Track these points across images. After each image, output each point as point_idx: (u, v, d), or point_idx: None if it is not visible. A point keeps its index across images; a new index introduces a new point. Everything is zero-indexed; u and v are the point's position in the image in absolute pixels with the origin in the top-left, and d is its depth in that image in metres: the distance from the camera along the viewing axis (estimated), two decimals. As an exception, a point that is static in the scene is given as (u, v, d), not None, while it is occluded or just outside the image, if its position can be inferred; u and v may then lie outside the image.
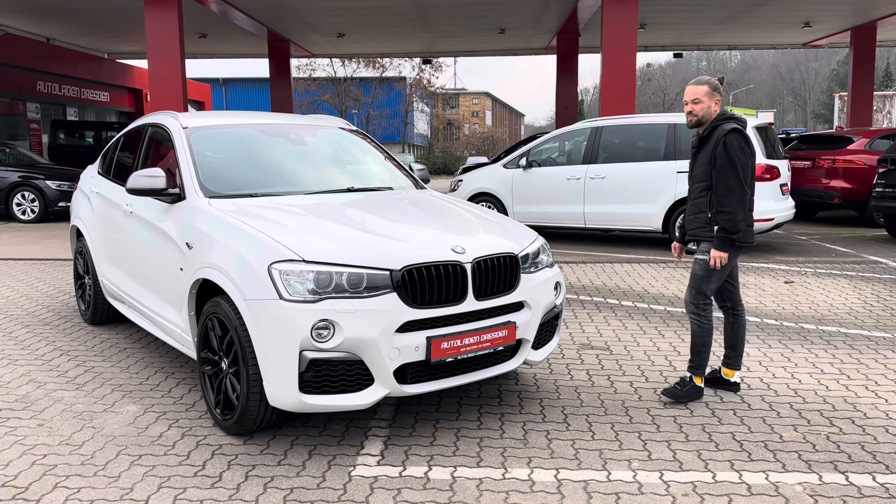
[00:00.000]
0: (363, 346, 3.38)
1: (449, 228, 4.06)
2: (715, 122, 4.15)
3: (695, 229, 4.23)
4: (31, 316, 6.31)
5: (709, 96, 4.13)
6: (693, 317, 4.21)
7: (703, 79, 4.20)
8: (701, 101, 4.13)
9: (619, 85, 14.30)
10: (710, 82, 4.17)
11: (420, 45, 25.43)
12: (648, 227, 9.89)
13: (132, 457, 3.52)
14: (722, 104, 4.20)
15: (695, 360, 4.22)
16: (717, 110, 4.17)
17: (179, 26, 14.64)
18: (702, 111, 4.14)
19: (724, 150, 4.01)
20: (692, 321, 4.22)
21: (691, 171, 4.33)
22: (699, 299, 4.19)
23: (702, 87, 4.14)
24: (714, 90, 4.15)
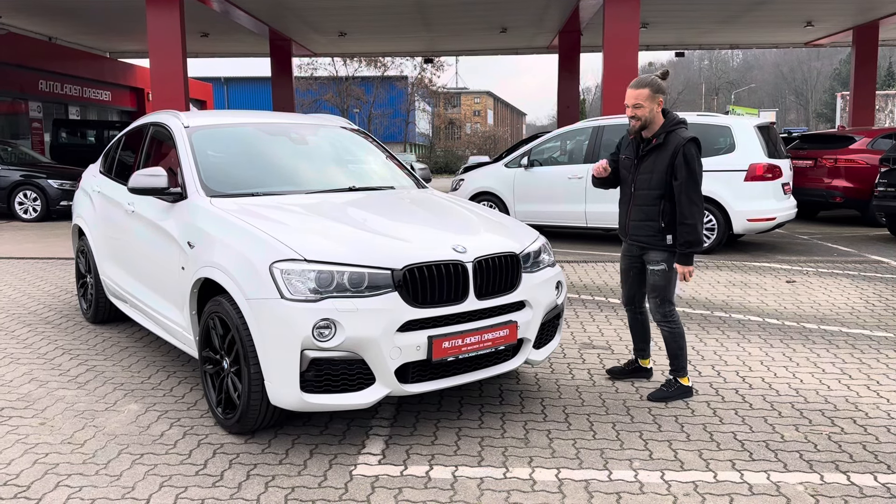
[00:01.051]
0: (364, 345, 3.38)
1: (450, 228, 4.06)
2: (669, 128, 4.05)
3: (645, 237, 4.17)
4: (33, 314, 6.31)
5: (650, 99, 4.01)
6: (664, 325, 4.23)
7: (644, 80, 4.06)
8: (642, 105, 4.01)
9: (620, 84, 14.24)
10: (652, 83, 4.03)
11: (422, 44, 25.42)
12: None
13: (134, 455, 3.53)
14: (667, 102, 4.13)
15: (675, 364, 4.26)
16: (659, 112, 4.06)
17: (181, 25, 14.64)
18: (644, 116, 4.03)
19: (685, 161, 3.95)
20: (663, 329, 4.24)
21: (633, 175, 4.18)
22: (665, 307, 4.22)
23: (643, 91, 4.00)
24: (656, 91, 4.02)
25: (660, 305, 4.22)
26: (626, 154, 4.30)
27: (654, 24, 20.63)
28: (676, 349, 4.24)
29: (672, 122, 4.10)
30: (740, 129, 9.50)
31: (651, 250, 4.18)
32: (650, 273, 4.21)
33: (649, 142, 4.12)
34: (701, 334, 5.63)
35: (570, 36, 21.84)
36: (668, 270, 4.17)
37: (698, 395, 4.31)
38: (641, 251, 4.25)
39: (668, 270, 4.16)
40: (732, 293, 7.10)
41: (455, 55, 39.12)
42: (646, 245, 4.19)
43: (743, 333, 5.64)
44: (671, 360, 4.28)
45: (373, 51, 31.79)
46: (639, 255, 4.30)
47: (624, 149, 4.34)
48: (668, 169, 4.03)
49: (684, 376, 4.27)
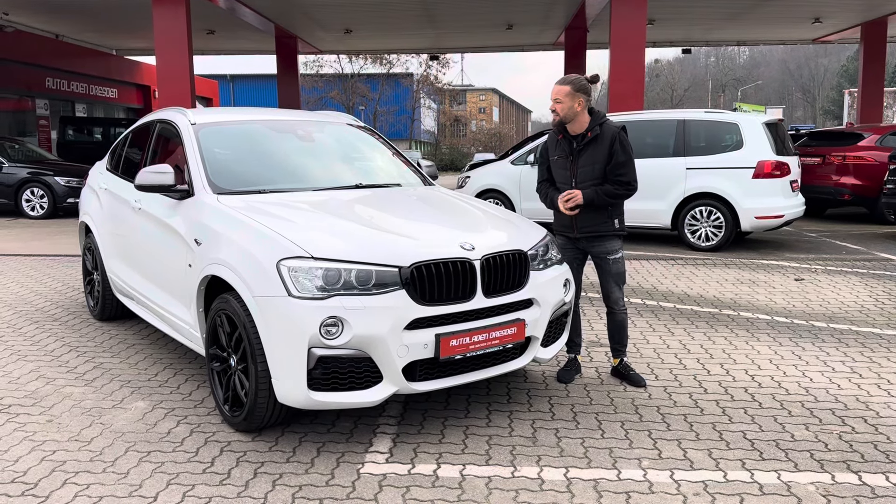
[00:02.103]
0: (372, 343, 3.36)
1: (458, 225, 4.04)
2: (599, 121, 4.26)
3: (594, 226, 4.32)
4: (41, 312, 6.32)
5: (570, 97, 4.18)
6: (622, 309, 4.48)
7: (569, 78, 4.26)
8: (561, 101, 4.20)
9: (627, 81, 14.22)
10: (574, 82, 4.22)
11: (427, 40, 25.38)
12: (657, 224, 9.85)
13: (141, 453, 3.52)
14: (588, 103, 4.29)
15: (626, 344, 4.58)
16: (580, 110, 4.23)
17: (187, 23, 14.64)
18: (562, 111, 4.21)
19: (622, 146, 4.22)
20: (622, 313, 4.48)
21: (573, 170, 4.32)
22: (623, 292, 4.50)
23: (564, 87, 4.20)
24: (577, 90, 4.20)
25: (621, 290, 4.47)
26: (557, 154, 4.43)
27: (661, 21, 20.55)
28: (626, 331, 4.55)
29: (601, 117, 4.32)
30: (748, 125, 9.46)
31: (605, 240, 4.35)
32: (612, 262, 4.39)
33: (583, 137, 4.29)
34: (710, 332, 5.60)
35: (576, 32, 21.77)
36: (622, 256, 4.44)
37: (707, 393, 4.29)
38: (591, 243, 4.38)
39: (623, 256, 4.45)
40: (741, 291, 7.07)
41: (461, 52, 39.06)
42: (598, 234, 4.33)
43: (752, 332, 5.61)
44: (624, 342, 4.54)
45: (379, 48, 31.79)
46: (583, 249, 4.44)
47: (552, 151, 4.47)
48: (608, 157, 4.23)
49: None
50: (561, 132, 4.38)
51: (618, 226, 4.36)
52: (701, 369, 4.73)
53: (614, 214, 4.34)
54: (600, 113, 4.32)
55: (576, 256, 4.48)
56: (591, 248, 4.41)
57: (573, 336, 4.57)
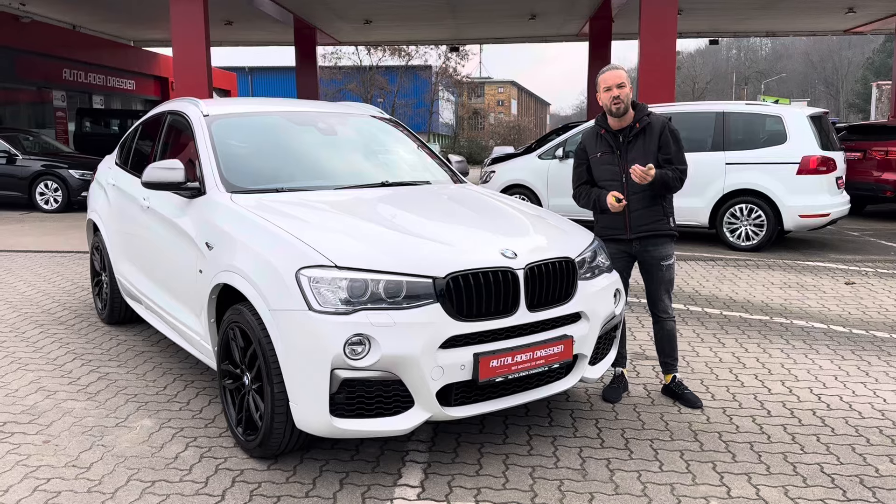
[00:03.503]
0: (403, 364, 2.96)
1: (497, 229, 3.63)
2: (644, 113, 3.98)
3: (650, 224, 3.98)
4: (47, 314, 5.98)
5: (629, 80, 3.92)
6: (670, 322, 4.12)
7: (618, 64, 4.03)
8: (625, 84, 3.89)
9: (658, 72, 13.71)
10: (625, 69, 3.98)
11: (448, 32, 24.92)
12: (694, 222, 9.37)
13: (144, 483, 3.15)
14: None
15: (677, 357, 4.21)
16: None
17: (205, 13, 14.31)
18: (627, 97, 3.91)
19: (673, 136, 3.95)
20: (672, 320, 4.13)
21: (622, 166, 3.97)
22: (672, 300, 4.15)
23: (622, 72, 3.91)
24: (628, 77, 3.97)
25: (671, 299, 4.13)
26: (600, 151, 4.06)
27: (689, 11, 19.94)
28: (676, 342, 4.19)
29: (646, 108, 4.04)
30: (793, 118, 8.94)
31: (659, 243, 4.00)
32: (666, 269, 4.03)
33: (631, 129, 3.98)
34: (764, 343, 5.15)
35: (601, 23, 21.23)
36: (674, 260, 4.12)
37: (771, 416, 3.85)
38: (645, 247, 4.01)
39: (674, 261, 4.11)
40: (790, 296, 6.59)
41: (482, 43, 38.46)
42: (653, 233, 3.98)
43: (809, 343, 5.15)
44: (676, 356, 4.16)
45: (398, 39, 31.33)
46: (634, 255, 4.06)
47: (592, 148, 4.09)
48: (658, 149, 3.94)
49: None
50: (603, 127, 4.01)
51: (672, 225, 4.04)
52: (760, 387, 4.29)
53: (669, 211, 4.02)
54: (643, 105, 4.04)
55: (627, 264, 4.09)
56: (644, 253, 4.01)
57: (619, 348, 4.16)
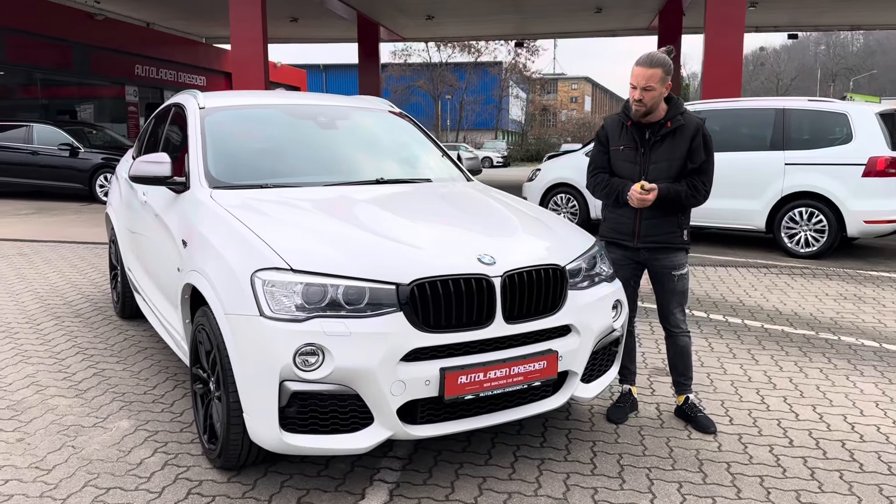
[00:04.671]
0: (359, 377, 2.73)
1: (481, 231, 3.35)
2: (679, 111, 3.53)
3: (663, 234, 3.59)
4: (67, 306, 6.01)
5: (662, 82, 3.41)
6: (684, 336, 3.76)
7: (656, 58, 3.42)
8: (653, 88, 3.40)
9: (723, 67, 13.07)
10: (665, 63, 3.41)
11: (512, 26, 24.57)
12: (749, 225, 8.80)
13: (99, 490, 3.02)
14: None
15: (691, 377, 3.84)
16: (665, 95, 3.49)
17: (263, 11, 14.42)
18: (652, 100, 3.44)
19: (705, 143, 3.51)
20: (685, 336, 3.76)
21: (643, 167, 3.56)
22: (687, 314, 3.79)
23: (655, 71, 3.38)
24: (667, 73, 3.43)
25: (684, 312, 3.75)
26: (623, 144, 3.62)
27: (765, 3, 19.01)
28: (691, 359, 3.81)
29: (680, 104, 3.57)
30: (859, 116, 8.26)
31: (670, 252, 3.61)
32: (677, 279, 3.65)
33: (661, 126, 3.53)
34: (802, 362, 4.68)
35: (671, 16, 20.46)
36: (687, 272, 3.73)
37: (792, 446, 3.45)
38: (654, 255, 3.62)
39: (687, 272, 3.71)
40: (843, 309, 6.04)
41: (547, 38, 37.89)
42: (663, 245, 3.60)
43: (854, 363, 4.66)
44: (690, 374, 3.79)
45: (462, 34, 31.13)
46: (643, 263, 3.68)
47: (615, 139, 3.65)
48: (686, 154, 3.50)
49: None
50: (630, 118, 3.59)
51: (686, 238, 3.65)
52: (788, 412, 3.86)
53: (684, 223, 3.63)
54: (679, 100, 3.57)
55: (634, 272, 3.71)
56: (654, 262, 3.63)
57: (626, 362, 3.81)
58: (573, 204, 10.26)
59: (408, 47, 49.04)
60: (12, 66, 19.26)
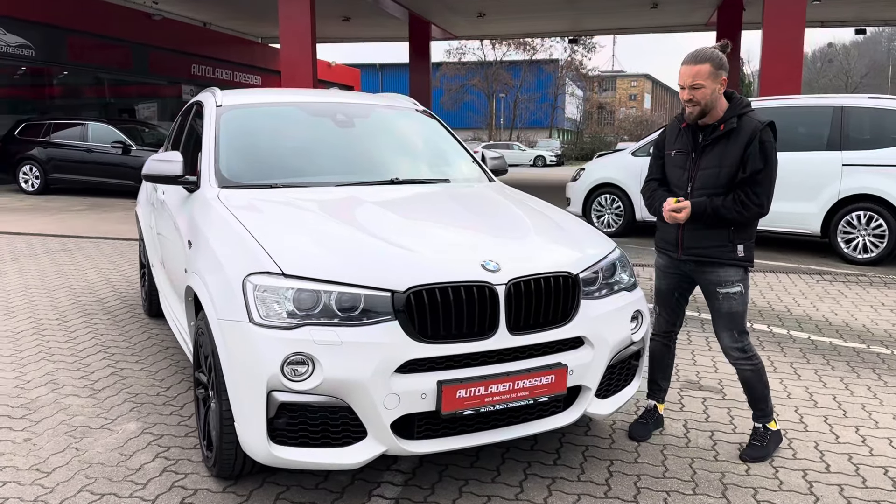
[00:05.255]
0: (350, 389, 2.59)
1: (490, 235, 3.18)
2: (740, 111, 3.17)
3: (709, 248, 3.23)
4: (99, 303, 6.06)
5: (713, 77, 3.10)
6: (745, 364, 3.32)
7: (703, 53, 3.13)
8: (703, 85, 3.10)
9: (782, 63, 12.55)
10: (713, 57, 3.10)
11: (565, 23, 24.19)
12: (803, 229, 8.36)
13: (93, 496, 2.95)
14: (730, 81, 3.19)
15: (764, 408, 3.37)
16: (721, 94, 3.17)
17: (311, 11, 14.50)
18: (705, 98, 3.12)
19: (762, 149, 3.09)
20: (744, 368, 3.33)
21: (692, 172, 3.25)
22: (744, 340, 3.31)
23: (703, 67, 3.09)
24: (718, 67, 3.10)
25: (738, 339, 3.30)
26: (676, 149, 3.32)
27: (830, -4, 18.23)
28: (764, 389, 3.35)
29: (742, 105, 3.21)
30: (925, 114, 7.75)
31: (717, 267, 3.22)
32: (724, 298, 3.24)
33: (713, 129, 3.20)
34: (849, 378, 4.36)
35: (730, 11, 19.82)
36: (745, 292, 3.26)
37: (829, 472, 3.17)
38: (700, 269, 3.28)
39: (744, 292, 3.26)
40: (900, 321, 5.65)
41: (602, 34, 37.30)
42: (710, 259, 3.23)
43: (908, 381, 4.32)
44: (758, 405, 3.38)
45: (514, 32, 30.80)
46: (689, 275, 3.35)
47: (671, 143, 3.36)
48: (739, 161, 3.13)
49: (772, 419, 3.38)
50: (685, 120, 3.30)
51: (742, 254, 3.20)
52: (827, 433, 3.57)
53: (738, 238, 3.19)
54: (741, 99, 3.23)
55: (680, 283, 3.41)
56: (699, 275, 3.29)
57: (657, 378, 3.59)
58: (618, 205, 9.95)
59: (462, 46, 48.87)
60: (75, 66, 19.85)
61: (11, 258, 7.99)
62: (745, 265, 3.23)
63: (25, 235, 9.61)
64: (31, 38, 17.86)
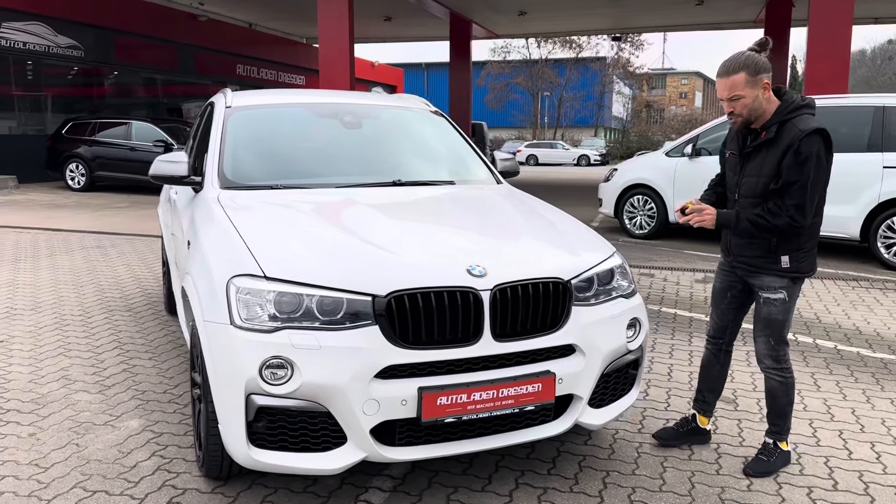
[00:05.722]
0: (328, 394, 2.56)
1: (481, 238, 3.12)
2: (784, 116, 2.95)
3: (752, 258, 3.12)
4: (123, 299, 6.17)
5: (751, 85, 2.92)
6: (775, 373, 3.18)
7: (735, 61, 2.94)
8: (742, 96, 2.94)
9: (828, 60, 12.13)
10: (748, 64, 2.91)
11: (608, 21, 23.87)
12: (841, 233, 8.07)
13: (85, 493, 2.99)
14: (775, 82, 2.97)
15: (780, 424, 3.24)
16: (769, 96, 2.96)
17: (349, 10, 14.57)
18: (746, 108, 2.97)
19: (796, 159, 2.86)
20: (772, 378, 3.19)
21: (738, 178, 3.13)
22: (780, 349, 3.16)
23: (738, 77, 2.92)
24: (756, 72, 2.91)
25: (774, 347, 3.16)
26: (731, 150, 3.19)
27: (884, -9, 17.58)
28: (786, 405, 3.22)
29: (789, 108, 2.97)
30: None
31: (765, 274, 3.10)
32: (764, 302, 3.11)
33: (757, 135, 3.04)
34: (872, 390, 4.18)
35: (779, 7, 19.30)
36: (790, 300, 3.10)
37: (836, 489, 3.03)
38: (748, 274, 3.18)
39: (788, 300, 3.09)
40: (937, 331, 5.40)
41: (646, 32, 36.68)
42: (754, 269, 3.13)
43: (935, 395, 4.11)
44: (776, 420, 3.24)
45: (556, 30, 30.53)
46: (742, 277, 3.24)
47: (729, 143, 3.23)
48: (775, 170, 2.95)
49: (785, 440, 3.24)
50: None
51: (787, 265, 3.03)
52: (840, 449, 3.42)
53: (783, 249, 3.02)
54: (791, 102, 2.99)
55: (733, 283, 3.29)
56: (748, 276, 3.18)
57: (703, 387, 3.46)
58: (650, 206, 9.74)
59: (507, 44, 48.66)
60: (122, 66, 20.35)
61: (47, 254, 8.22)
62: (791, 275, 3.05)
63: (64, 232, 9.87)
64: (81, 39, 18.39)
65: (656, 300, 6.36)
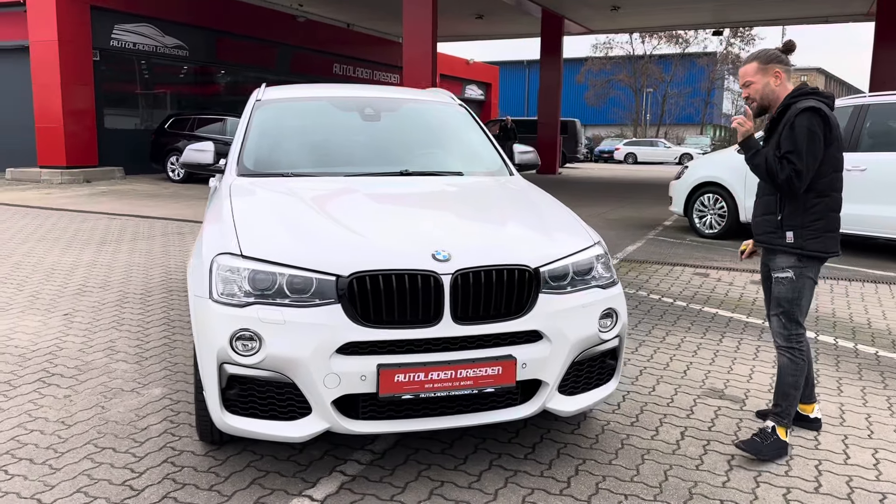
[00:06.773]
0: (291, 366, 2.74)
1: (459, 224, 3.21)
2: (789, 100, 3.27)
3: (765, 234, 3.39)
4: (184, 281, 6.59)
5: (761, 73, 3.33)
6: (785, 352, 3.31)
7: (752, 53, 3.45)
8: (752, 82, 3.35)
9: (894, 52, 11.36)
10: (760, 55, 3.38)
11: (708, 14, 23.07)
12: (890, 234, 7.59)
13: (95, 448, 3.30)
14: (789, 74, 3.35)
15: (782, 406, 3.30)
16: (780, 84, 3.33)
17: (433, 9, 14.84)
18: (758, 93, 3.36)
19: (792, 130, 3.14)
20: (783, 357, 3.33)
21: None
22: (791, 328, 3.30)
23: (749, 65, 3.37)
24: (767, 62, 3.32)
25: (785, 325, 3.31)
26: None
27: None
28: (791, 387, 3.29)
29: (797, 93, 3.29)
30: None
31: (775, 254, 3.35)
32: (775, 282, 3.34)
33: (771, 118, 3.40)
34: (874, 388, 3.96)
35: (892, 1, 18.07)
36: (797, 279, 3.26)
37: (818, 492, 2.93)
38: (766, 255, 3.47)
39: (796, 280, 3.26)
40: None
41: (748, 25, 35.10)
42: (767, 245, 3.40)
43: (969, 406, 3.86)
44: (779, 400, 3.32)
45: (651, 25, 29.77)
46: (765, 262, 3.52)
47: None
48: (777, 146, 3.23)
49: (786, 427, 3.29)
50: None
51: (791, 241, 3.24)
52: (839, 453, 3.30)
53: (787, 224, 3.25)
54: (801, 88, 3.30)
55: (768, 272, 3.53)
56: (767, 262, 3.46)
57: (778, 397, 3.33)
58: (721, 205, 9.44)
59: (609, 40, 47.82)
60: (224, 65, 21.46)
61: (131, 238, 8.87)
62: (796, 253, 3.23)
63: (151, 219, 10.59)
64: (186, 40, 19.55)
65: (701, 300, 6.21)
